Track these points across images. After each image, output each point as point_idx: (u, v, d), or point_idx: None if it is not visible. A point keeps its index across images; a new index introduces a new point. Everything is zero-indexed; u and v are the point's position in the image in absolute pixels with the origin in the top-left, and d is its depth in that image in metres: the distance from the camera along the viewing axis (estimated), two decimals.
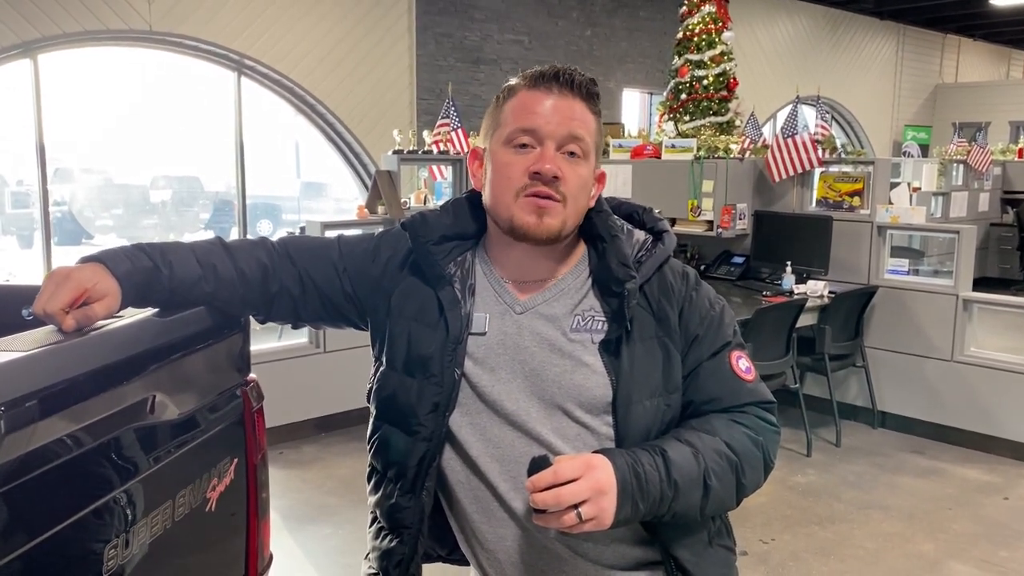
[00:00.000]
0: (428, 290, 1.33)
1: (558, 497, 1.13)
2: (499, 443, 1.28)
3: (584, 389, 1.27)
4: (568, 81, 1.27)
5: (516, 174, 1.26)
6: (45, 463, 1.04)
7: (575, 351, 1.29)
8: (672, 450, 1.24)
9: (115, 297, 1.25)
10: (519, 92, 1.29)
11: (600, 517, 1.15)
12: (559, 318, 1.30)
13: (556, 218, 1.26)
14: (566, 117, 1.26)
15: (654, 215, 1.41)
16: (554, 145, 1.25)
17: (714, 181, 5.45)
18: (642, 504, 1.19)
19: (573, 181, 1.26)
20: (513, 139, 1.27)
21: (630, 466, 1.19)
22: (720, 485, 1.26)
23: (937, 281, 5.17)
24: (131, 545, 1.21)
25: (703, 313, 1.34)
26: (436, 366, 1.29)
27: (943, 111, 16.53)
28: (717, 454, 1.26)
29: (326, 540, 3.72)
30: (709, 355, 1.33)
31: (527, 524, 1.27)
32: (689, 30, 6.33)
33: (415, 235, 1.35)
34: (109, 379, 1.19)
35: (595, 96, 1.30)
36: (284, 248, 1.42)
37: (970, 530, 3.86)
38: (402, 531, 1.34)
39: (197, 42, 7.85)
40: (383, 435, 1.36)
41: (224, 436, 1.52)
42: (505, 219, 1.28)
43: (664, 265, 1.35)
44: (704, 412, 1.33)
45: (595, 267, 1.33)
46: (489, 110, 1.34)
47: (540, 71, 1.29)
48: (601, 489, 1.15)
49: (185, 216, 12.42)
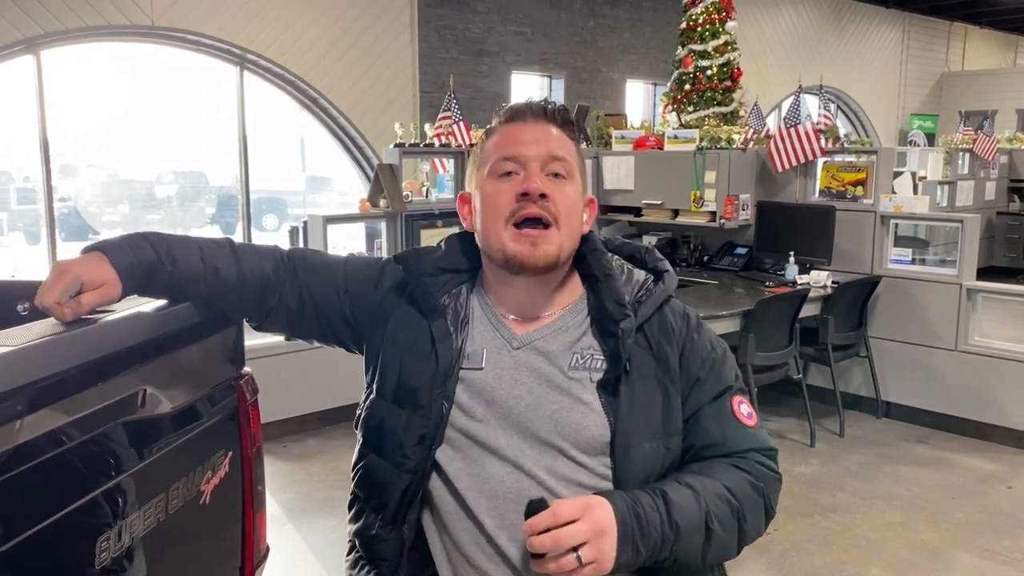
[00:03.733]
0: (422, 321, 1.32)
1: (557, 540, 1.10)
2: (488, 478, 1.24)
3: (581, 428, 1.24)
4: (541, 110, 1.31)
5: (504, 201, 1.26)
6: (36, 456, 1.05)
7: (573, 388, 1.26)
8: (673, 492, 1.21)
9: (113, 286, 1.26)
10: (497, 129, 1.32)
11: (600, 560, 1.12)
12: (557, 355, 1.28)
13: (551, 244, 1.25)
14: (545, 140, 1.28)
15: (655, 255, 1.40)
16: (538, 166, 1.26)
17: (717, 172, 5.44)
18: (643, 547, 1.16)
19: (561, 200, 1.25)
20: (497, 169, 1.28)
21: (630, 507, 1.16)
22: (722, 530, 1.23)
23: (941, 270, 5.15)
24: (124, 538, 1.22)
25: (704, 355, 1.32)
26: (425, 398, 1.27)
27: (949, 99, 16.44)
28: (719, 498, 1.24)
29: (330, 532, 3.74)
30: (710, 399, 1.31)
31: (516, 564, 1.23)
32: (693, 20, 6.32)
33: (408, 267, 1.35)
34: (100, 373, 1.20)
35: (569, 123, 1.33)
36: (290, 261, 1.42)
37: (973, 519, 3.85)
38: (380, 563, 1.32)
39: (199, 37, 7.86)
40: (367, 464, 1.34)
41: (218, 429, 1.53)
42: (498, 250, 1.27)
43: (665, 305, 1.33)
44: (704, 457, 1.30)
45: (593, 307, 1.32)
46: (471, 157, 1.37)
47: (513, 107, 1.33)
48: (601, 530, 1.12)
49: (190, 211, 12.44)
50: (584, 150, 1.37)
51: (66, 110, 8.46)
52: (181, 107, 10.50)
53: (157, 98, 10.44)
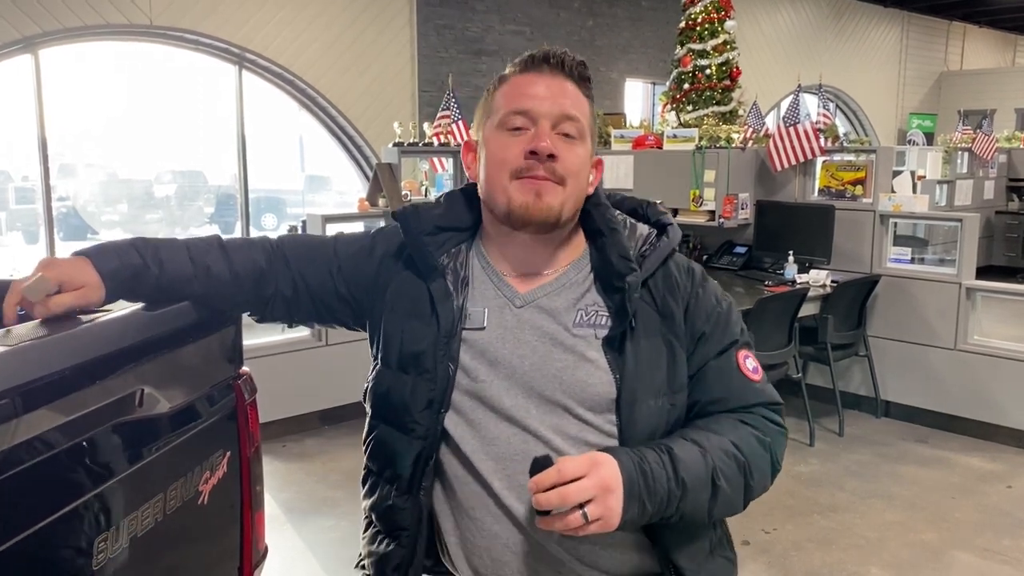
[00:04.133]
0: (421, 284, 1.30)
1: (563, 496, 1.08)
2: (495, 440, 1.24)
3: (587, 386, 1.23)
4: (559, 63, 1.25)
5: (512, 156, 1.22)
6: (31, 457, 1.04)
7: (578, 346, 1.24)
8: (679, 448, 1.20)
9: (94, 289, 1.25)
10: (510, 78, 1.27)
11: (607, 517, 1.11)
12: (561, 312, 1.27)
13: (555, 198, 1.22)
14: (559, 96, 1.23)
15: (657, 209, 1.38)
16: (549, 124, 1.22)
17: (716, 171, 5.43)
18: (649, 503, 1.15)
19: (570, 161, 1.23)
20: (507, 123, 1.24)
21: (636, 464, 1.15)
22: (728, 486, 1.22)
23: (940, 269, 5.15)
24: (121, 539, 1.22)
25: (710, 310, 1.31)
26: (429, 361, 1.26)
27: (948, 99, 16.44)
28: (725, 454, 1.22)
29: (329, 532, 3.73)
30: (716, 353, 1.30)
31: (524, 523, 1.23)
32: (692, 19, 6.30)
33: (407, 225, 1.32)
34: (97, 372, 1.19)
35: (587, 79, 1.27)
36: (280, 249, 1.41)
37: (973, 519, 3.85)
38: (399, 533, 1.31)
39: (198, 36, 7.85)
40: (379, 435, 1.33)
41: (216, 429, 1.52)
42: (502, 203, 1.24)
43: (669, 259, 1.31)
44: (710, 412, 1.29)
45: (596, 262, 1.30)
46: (481, 101, 1.32)
47: (530, 55, 1.27)
48: (607, 487, 1.11)
49: (189, 210, 12.42)
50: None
51: (64, 109, 8.44)
52: (180, 106, 10.48)
53: (156, 97, 10.42)
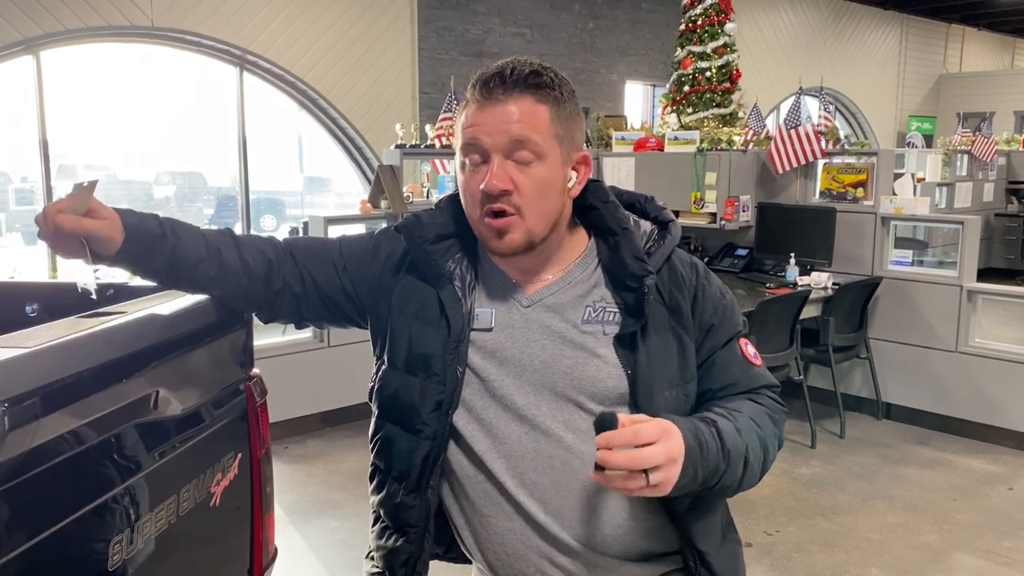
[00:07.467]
0: (428, 288, 1.32)
1: (635, 459, 1.08)
2: (505, 439, 1.26)
3: (597, 381, 1.26)
4: (504, 81, 1.21)
5: (474, 190, 1.24)
6: (49, 459, 1.05)
7: (587, 342, 1.27)
8: (721, 422, 1.24)
9: (116, 229, 1.26)
10: (468, 104, 1.25)
11: (664, 484, 1.12)
12: (568, 310, 1.29)
13: (517, 232, 1.24)
14: (505, 124, 1.21)
15: (656, 204, 1.40)
16: (500, 157, 1.21)
17: (717, 173, 5.44)
18: (700, 473, 1.17)
19: (528, 188, 1.22)
20: (464, 156, 1.25)
21: (693, 434, 1.17)
22: (755, 461, 1.27)
23: (941, 272, 5.16)
24: (136, 540, 1.22)
25: (715, 303, 1.35)
26: (438, 364, 1.28)
27: (947, 101, 16.46)
28: (751, 431, 1.27)
29: (331, 534, 3.74)
30: (723, 343, 1.35)
31: (536, 519, 1.26)
32: (692, 21, 6.31)
33: (410, 237, 1.34)
34: (112, 375, 1.20)
35: (543, 85, 1.22)
36: (287, 247, 1.42)
37: (975, 520, 3.86)
38: (408, 530, 1.33)
39: (199, 38, 7.85)
40: (386, 434, 1.35)
41: (227, 431, 1.53)
42: (478, 234, 1.29)
43: (672, 255, 1.35)
44: (721, 398, 1.34)
45: (607, 260, 1.32)
46: (456, 111, 1.33)
47: (483, 75, 1.23)
48: (673, 457, 1.12)
49: (189, 211, 12.43)
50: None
51: (65, 111, 8.44)
52: (180, 108, 10.49)
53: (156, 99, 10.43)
